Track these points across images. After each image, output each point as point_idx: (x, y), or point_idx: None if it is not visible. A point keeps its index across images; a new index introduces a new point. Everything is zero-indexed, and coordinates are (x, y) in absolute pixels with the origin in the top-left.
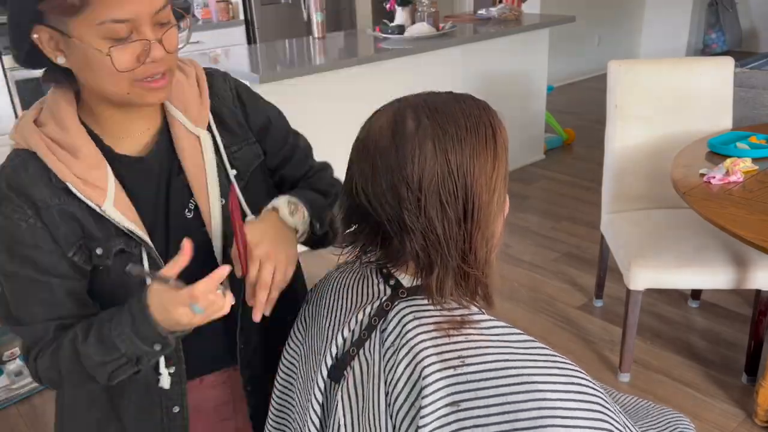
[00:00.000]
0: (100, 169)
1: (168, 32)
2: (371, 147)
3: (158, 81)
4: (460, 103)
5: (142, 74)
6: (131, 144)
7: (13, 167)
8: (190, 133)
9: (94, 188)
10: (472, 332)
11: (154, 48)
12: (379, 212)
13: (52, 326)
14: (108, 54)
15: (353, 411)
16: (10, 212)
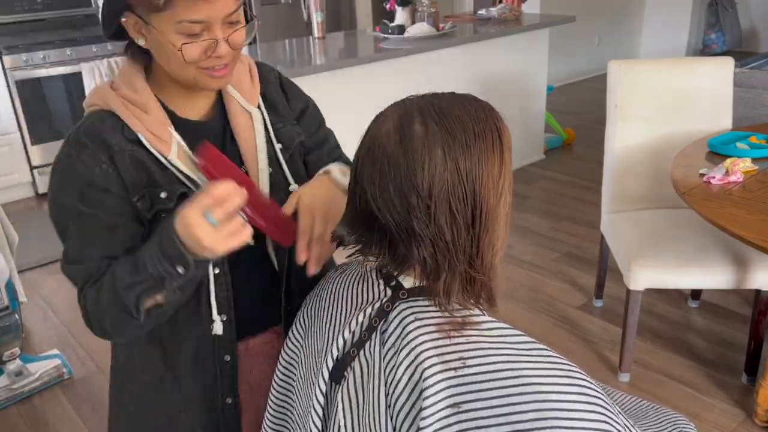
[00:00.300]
0: (166, 126)
1: (237, 32)
2: (378, 152)
3: (221, 71)
4: (465, 105)
5: (207, 64)
6: (192, 113)
7: (91, 121)
8: (243, 110)
9: (161, 141)
10: (473, 333)
11: (221, 45)
12: (386, 218)
13: (105, 263)
14: (179, 49)
15: (353, 412)
16: (86, 157)
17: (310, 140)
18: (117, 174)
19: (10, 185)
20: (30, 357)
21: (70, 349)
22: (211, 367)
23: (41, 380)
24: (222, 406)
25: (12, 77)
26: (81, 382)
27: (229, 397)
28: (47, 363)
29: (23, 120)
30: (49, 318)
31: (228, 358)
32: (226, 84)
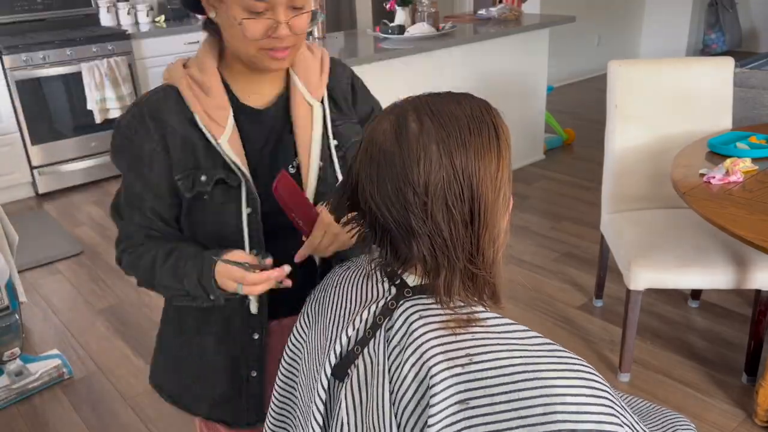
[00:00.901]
0: (224, 109)
1: (299, 17)
2: (375, 151)
3: (280, 52)
4: (461, 103)
5: (267, 45)
6: (255, 99)
7: (157, 96)
8: (306, 102)
9: (215, 124)
10: (478, 330)
11: (281, 27)
12: (385, 216)
13: (142, 232)
14: (240, 23)
15: (357, 409)
16: (142, 132)
17: None
18: (166, 153)
19: (10, 185)
20: (30, 357)
21: (70, 349)
22: (239, 341)
23: (41, 380)
24: (247, 377)
25: (12, 77)
26: (81, 382)
27: (254, 370)
28: (47, 363)
29: (23, 120)
30: (49, 318)
31: (257, 336)
32: (284, 66)
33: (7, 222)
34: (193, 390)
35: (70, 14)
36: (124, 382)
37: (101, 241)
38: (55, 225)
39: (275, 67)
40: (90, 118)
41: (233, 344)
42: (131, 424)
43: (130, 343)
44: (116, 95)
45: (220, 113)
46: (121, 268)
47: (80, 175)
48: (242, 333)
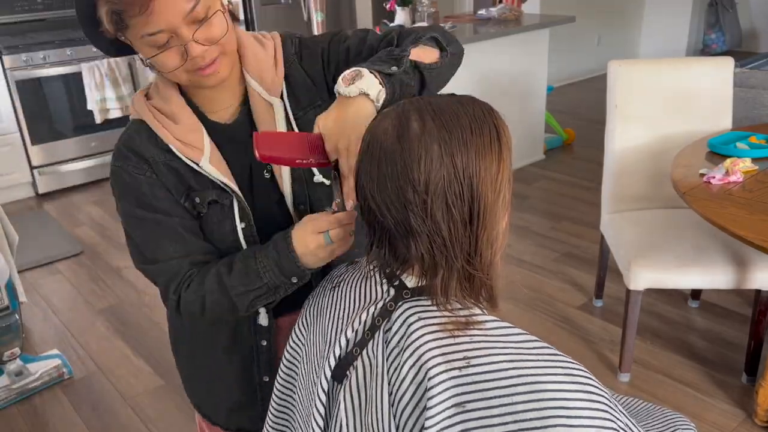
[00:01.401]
0: (197, 132)
1: (205, 27)
2: (376, 149)
3: (209, 68)
4: (463, 104)
5: (191, 67)
6: (221, 114)
7: (129, 134)
8: (266, 102)
9: (193, 148)
10: (476, 333)
11: (191, 47)
12: (384, 214)
13: (185, 263)
14: (150, 63)
15: (355, 411)
16: (131, 169)
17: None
18: (160, 181)
19: (10, 185)
20: (30, 357)
21: (70, 349)
22: (248, 349)
23: (41, 380)
24: (260, 383)
25: (12, 77)
26: (81, 382)
27: (266, 375)
28: (47, 363)
29: (23, 120)
30: (49, 318)
31: (265, 342)
32: (224, 77)
33: (7, 222)
34: (210, 400)
35: (70, 14)
36: (124, 382)
37: (101, 241)
38: (55, 225)
39: (213, 82)
40: (90, 118)
41: (243, 352)
42: (131, 424)
43: (130, 343)
44: (116, 95)
45: (193, 137)
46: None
47: (80, 175)
48: (250, 341)
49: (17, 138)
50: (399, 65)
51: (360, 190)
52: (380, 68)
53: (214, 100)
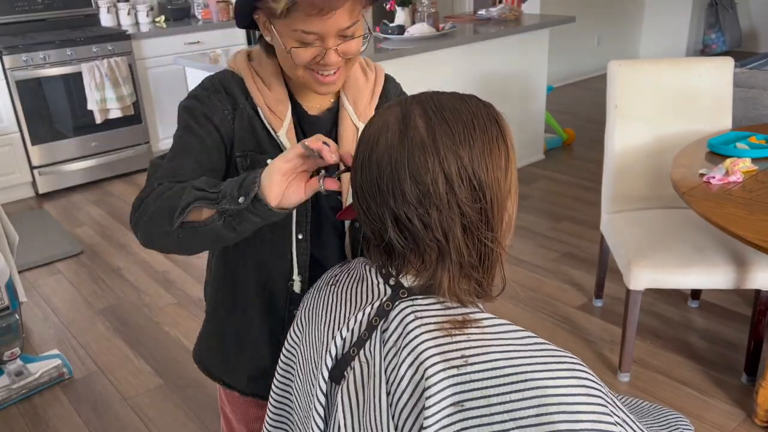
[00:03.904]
0: (284, 104)
1: (348, 42)
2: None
3: (328, 77)
4: (465, 102)
5: (315, 68)
6: (309, 104)
7: (227, 76)
8: (353, 124)
9: (275, 117)
10: (474, 331)
11: (330, 54)
12: (383, 211)
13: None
14: (289, 51)
15: (353, 412)
16: (216, 100)
17: None
18: (232, 125)
19: (10, 185)
20: (30, 357)
21: (70, 349)
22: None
23: (41, 380)
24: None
25: (12, 77)
26: (81, 382)
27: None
28: (47, 363)
29: (23, 120)
30: (49, 318)
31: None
32: (333, 91)
33: (7, 222)
34: (233, 364)
35: (70, 14)
36: (124, 382)
37: (101, 241)
38: (55, 225)
39: (324, 91)
40: (90, 118)
41: (275, 321)
42: (131, 424)
43: (130, 343)
44: (116, 95)
45: (280, 108)
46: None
47: (80, 175)
48: (283, 311)
49: (17, 138)
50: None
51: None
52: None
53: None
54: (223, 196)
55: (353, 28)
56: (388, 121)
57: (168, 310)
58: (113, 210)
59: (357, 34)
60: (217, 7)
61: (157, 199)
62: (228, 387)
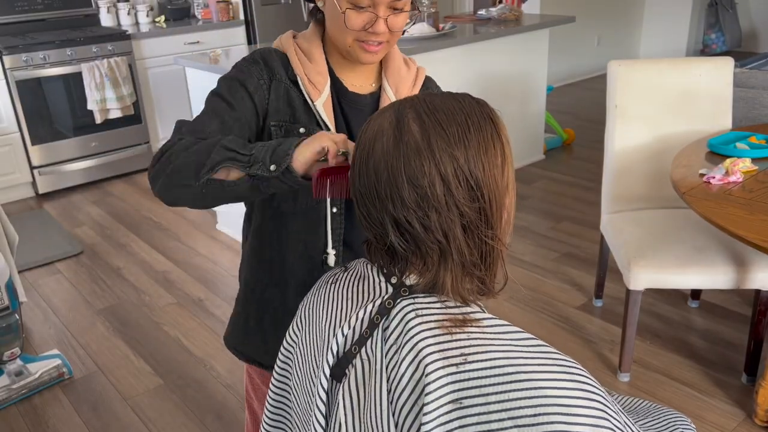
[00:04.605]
0: (323, 76)
1: (397, 15)
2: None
3: (374, 46)
4: (459, 101)
5: (363, 37)
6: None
7: (268, 51)
8: None
9: (314, 88)
10: (474, 330)
11: (379, 23)
12: (382, 214)
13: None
14: (343, 12)
15: (354, 410)
16: (254, 70)
17: None
18: (267, 96)
19: (10, 185)
20: (30, 357)
21: (70, 349)
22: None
23: (41, 380)
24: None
25: (12, 77)
26: (81, 382)
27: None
28: (47, 363)
29: (23, 120)
30: (49, 318)
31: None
32: (375, 60)
33: (7, 222)
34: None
35: (70, 14)
36: (124, 382)
37: (101, 241)
38: (55, 225)
39: (367, 60)
40: (90, 118)
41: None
42: (131, 424)
43: (130, 343)
44: (116, 95)
45: (319, 79)
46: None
47: (80, 175)
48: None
49: (17, 138)
50: None
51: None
52: None
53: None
54: (254, 161)
55: (403, 2)
56: (382, 126)
57: (168, 310)
58: (113, 210)
59: (406, 9)
60: (217, 7)
61: (182, 152)
62: (267, 369)
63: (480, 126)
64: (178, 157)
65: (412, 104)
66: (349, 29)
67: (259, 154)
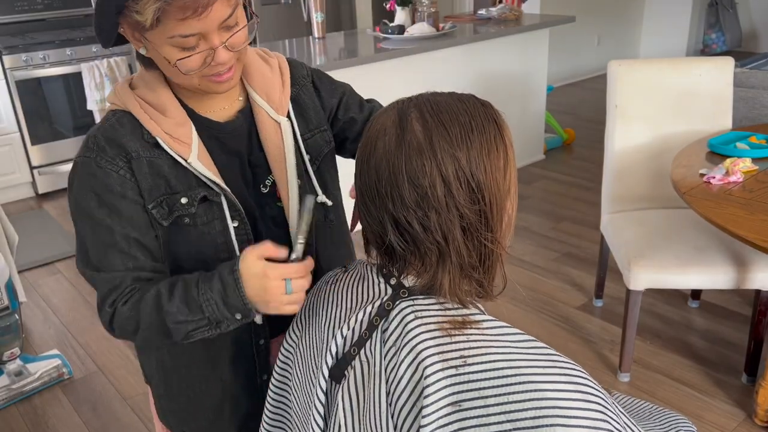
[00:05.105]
0: (185, 126)
1: (235, 32)
2: (375, 148)
3: (225, 75)
4: (463, 102)
5: (209, 72)
6: (214, 114)
7: (109, 124)
8: (272, 120)
9: (180, 143)
10: (473, 332)
11: (219, 53)
12: (383, 213)
13: (129, 276)
14: (174, 65)
15: (354, 411)
16: (104, 163)
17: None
18: (134, 180)
19: (10, 185)
20: (30, 357)
21: (70, 349)
22: (249, 352)
23: (41, 380)
24: (260, 385)
25: (12, 77)
26: (81, 382)
27: (264, 374)
28: (47, 363)
29: (23, 120)
30: (49, 318)
31: (262, 341)
32: (233, 86)
33: (7, 222)
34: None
35: (70, 14)
36: (124, 382)
37: None
38: (55, 225)
39: (223, 89)
40: (90, 118)
41: (245, 359)
42: (131, 424)
43: (130, 343)
44: None
45: (182, 131)
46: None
47: None
48: (251, 346)
49: (17, 138)
50: None
51: (358, 193)
52: None
53: (207, 103)
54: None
55: (234, 16)
56: (385, 124)
57: None
58: None
59: (240, 22)
60: None
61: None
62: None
63: (483, 127)
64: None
65: (417, 103)
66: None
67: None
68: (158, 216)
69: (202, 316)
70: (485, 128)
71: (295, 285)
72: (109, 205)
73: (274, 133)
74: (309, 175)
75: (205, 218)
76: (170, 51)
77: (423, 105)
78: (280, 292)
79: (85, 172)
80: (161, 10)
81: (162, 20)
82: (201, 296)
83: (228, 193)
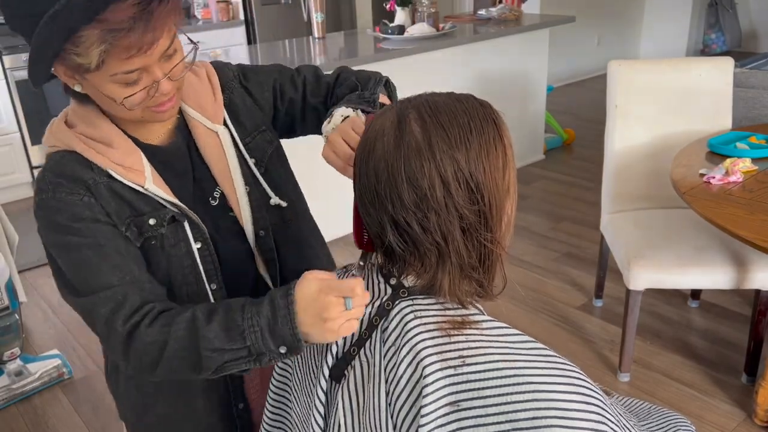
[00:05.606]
0: (134, 154)
1: (177, 66)
2: (374, 150)
3: (166, 104)
4: (462, 103)
5: (152, 103)
6: (153, 138)
7: (55, 161)
8: (209, 130)
9: (134, 171)
10: (472, 332)
11: (162, 84)
12: (382, 215)
13: (133, 291)
14: (121, 104)
15: (354, 411)
16: (64, 195)
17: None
18: (100, 205)
19: (10, 185)
20: (30, 357)
21: (70, 349)
22: (222, 382)
23: (41, 380)
24: (237, 413)
25: (12, 77)
26: (81, 382)
27: (240, 402)
28: (47, 363)
29: (23, 120)
30: (49, 318)
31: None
32: (174, 115)
33: (7, 222)
34: None
35: None
36: None
37: None
38: None
39: (165, 118)
40: None
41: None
42: None
43: None
44: None
45: (132, 159)
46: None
47: None
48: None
49: (17, 138)
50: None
51: (358, 194)
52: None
53: (144, 127)
54: (259, 351)
55: (173, 45)
56: (384, 126)
57: None
58: None
59: (178, 49)
60: (217, 7)
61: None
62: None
63: (482, 128)
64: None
65: (415, 104)
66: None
67: (257, 340)
68: (131, 237)
69: (242, 345)
70: (484, 129)
71: (357, 301)
72: (84, 228)
73: (213, 144)
74: (257, 180)
75: (172, 240)
76: (113, 89)
77: (421, 106)
78: (341, 309)
79: (48, 213)
80: (106, 52)
81: (106, 61)
82: (245, 321)
83: (190, 214)
